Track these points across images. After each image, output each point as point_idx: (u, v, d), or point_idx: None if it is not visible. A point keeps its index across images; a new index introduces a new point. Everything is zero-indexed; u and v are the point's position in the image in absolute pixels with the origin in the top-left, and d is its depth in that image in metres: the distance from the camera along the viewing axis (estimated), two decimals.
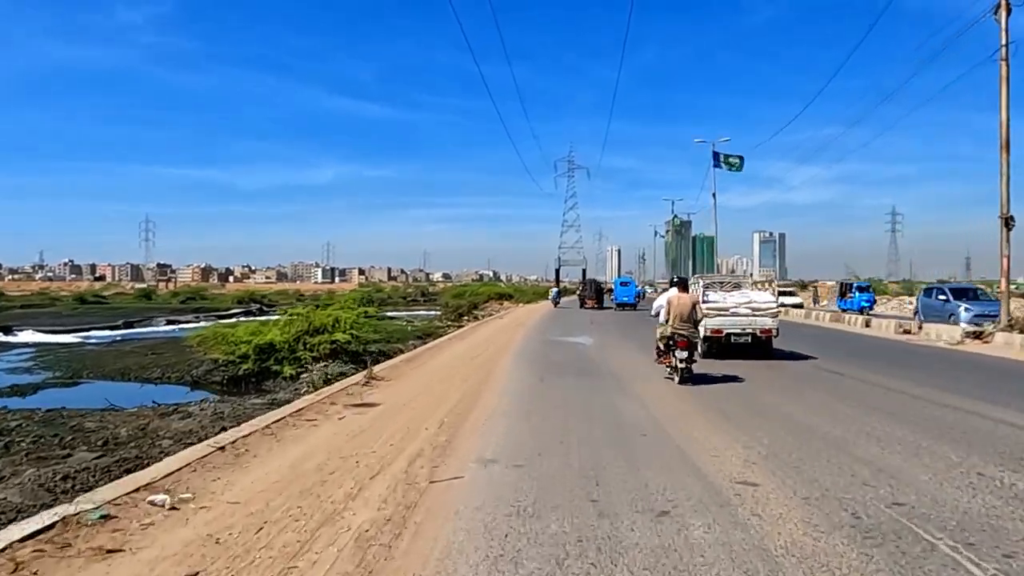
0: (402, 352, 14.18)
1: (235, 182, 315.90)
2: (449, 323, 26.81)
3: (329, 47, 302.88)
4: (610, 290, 37.34)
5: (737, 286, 11.71)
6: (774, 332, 10.80)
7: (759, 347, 10.82)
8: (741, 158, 33.71)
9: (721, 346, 10.78)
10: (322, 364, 11.93)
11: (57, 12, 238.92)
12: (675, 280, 9.61)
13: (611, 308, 32.44)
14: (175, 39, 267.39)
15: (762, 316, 10.80)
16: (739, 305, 10.79)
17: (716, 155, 34.00)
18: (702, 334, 9.71)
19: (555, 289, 44.43)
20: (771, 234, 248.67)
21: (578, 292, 40.09)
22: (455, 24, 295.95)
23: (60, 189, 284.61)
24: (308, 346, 12.68)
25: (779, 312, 11.80)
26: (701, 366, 8.83)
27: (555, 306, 35.02)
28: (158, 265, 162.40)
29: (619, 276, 52.36)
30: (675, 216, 57.06)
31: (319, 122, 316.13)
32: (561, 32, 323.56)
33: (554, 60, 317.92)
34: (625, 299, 32.99)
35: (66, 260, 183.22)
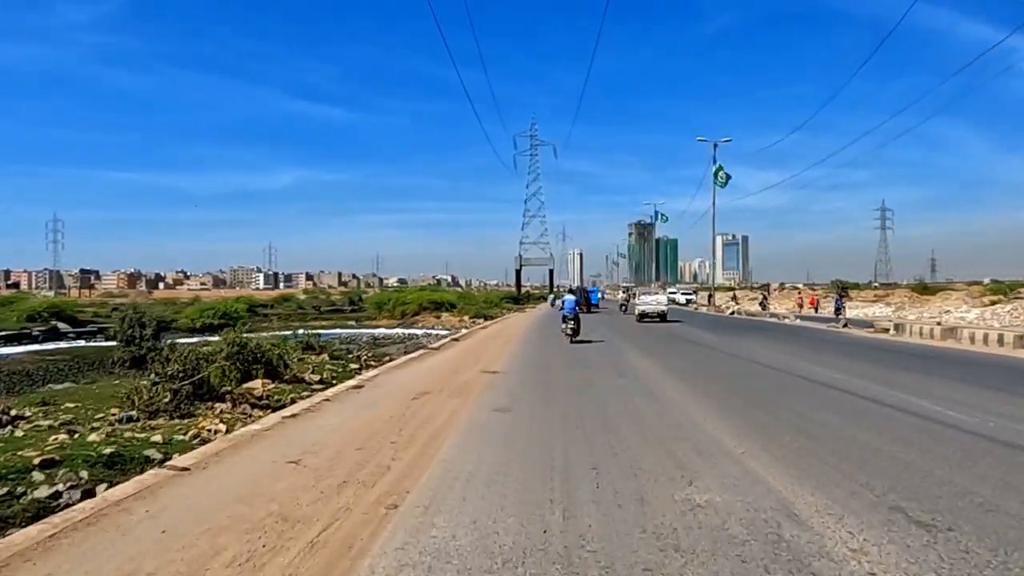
0: None
1: (183, 186, 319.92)
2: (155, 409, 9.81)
3: (285, 50, 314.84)
4: None
5: (656, 292, 29.26)
6: (666, 311, 26.88)
7: (660, 317, 26.74)
8: None
9: (643, 317, 27.15)
10: None
11: None
12: (572, 289, 25.85)
13: (598, 313, 43.88)
14: (121, 39, 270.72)
15: (662, 306, 27.02)
16: (651, 300, 27.26)
17: None
18: (636, 312, 26.91)
19: (551, 295, 59.79)
20: (733, 236, 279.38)
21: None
22: (414, 27, 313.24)
23: None
24: None
25: (668, 303, 29.11)
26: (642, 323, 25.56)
27: (551, 306, 51.94)
28: (80, 271, 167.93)
29: (591, 286, 73.26)
30: (718, 168, 54.44)
31: (274, 126, 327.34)
32: (517, 37, 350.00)
33: (510, 65, 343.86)
34: (593, 301, 51.56)
35: None
